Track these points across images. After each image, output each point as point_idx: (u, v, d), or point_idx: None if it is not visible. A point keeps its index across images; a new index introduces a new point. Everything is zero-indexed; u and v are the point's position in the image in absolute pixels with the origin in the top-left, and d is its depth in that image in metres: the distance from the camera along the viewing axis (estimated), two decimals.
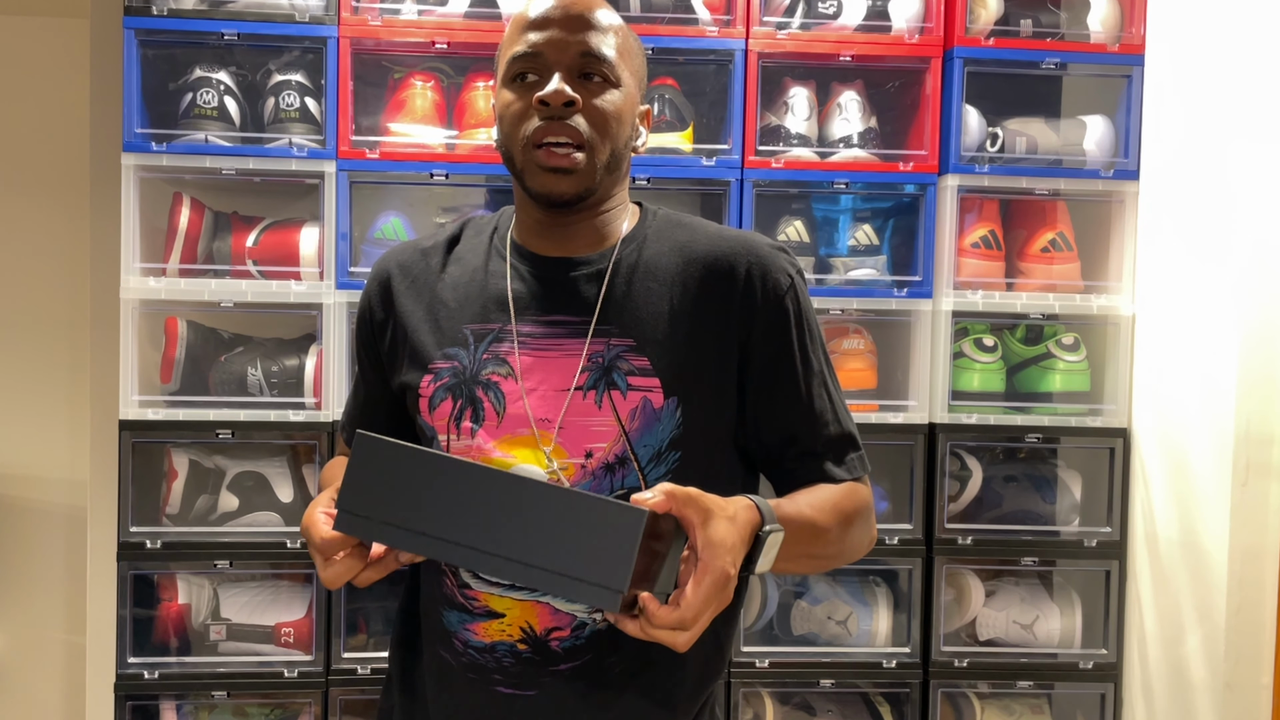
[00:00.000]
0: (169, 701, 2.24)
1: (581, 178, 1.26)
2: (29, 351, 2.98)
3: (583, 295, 1.30)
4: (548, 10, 1.28)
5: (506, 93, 1.29)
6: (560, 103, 1.24)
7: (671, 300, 1.29)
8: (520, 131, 1.27)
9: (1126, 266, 2.33)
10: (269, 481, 2.27)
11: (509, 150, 1.30)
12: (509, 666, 1.27)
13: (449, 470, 1.11)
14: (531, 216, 1.34)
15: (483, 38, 2.24)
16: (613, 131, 1.28)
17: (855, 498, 1.31)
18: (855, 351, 2.34)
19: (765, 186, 2.29)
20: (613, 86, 1.28)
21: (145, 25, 2.19)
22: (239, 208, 2.37)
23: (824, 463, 1.31)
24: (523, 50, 1.27)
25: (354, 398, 1.49)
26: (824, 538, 1.25)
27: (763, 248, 1.33)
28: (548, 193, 1.27)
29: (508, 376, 1.28)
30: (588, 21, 1.28)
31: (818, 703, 2.36)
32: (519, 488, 1.09)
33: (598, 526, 1.04)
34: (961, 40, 2.27)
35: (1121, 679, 2.34)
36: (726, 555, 1.07)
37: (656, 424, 1.25)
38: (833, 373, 1.36)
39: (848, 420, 1.35)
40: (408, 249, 1.42)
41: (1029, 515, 2.37)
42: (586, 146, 1.26)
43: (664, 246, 1.33)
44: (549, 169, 1.25)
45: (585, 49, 1.27)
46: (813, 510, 1.24)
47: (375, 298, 1.40)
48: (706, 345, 1.28)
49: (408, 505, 1.11)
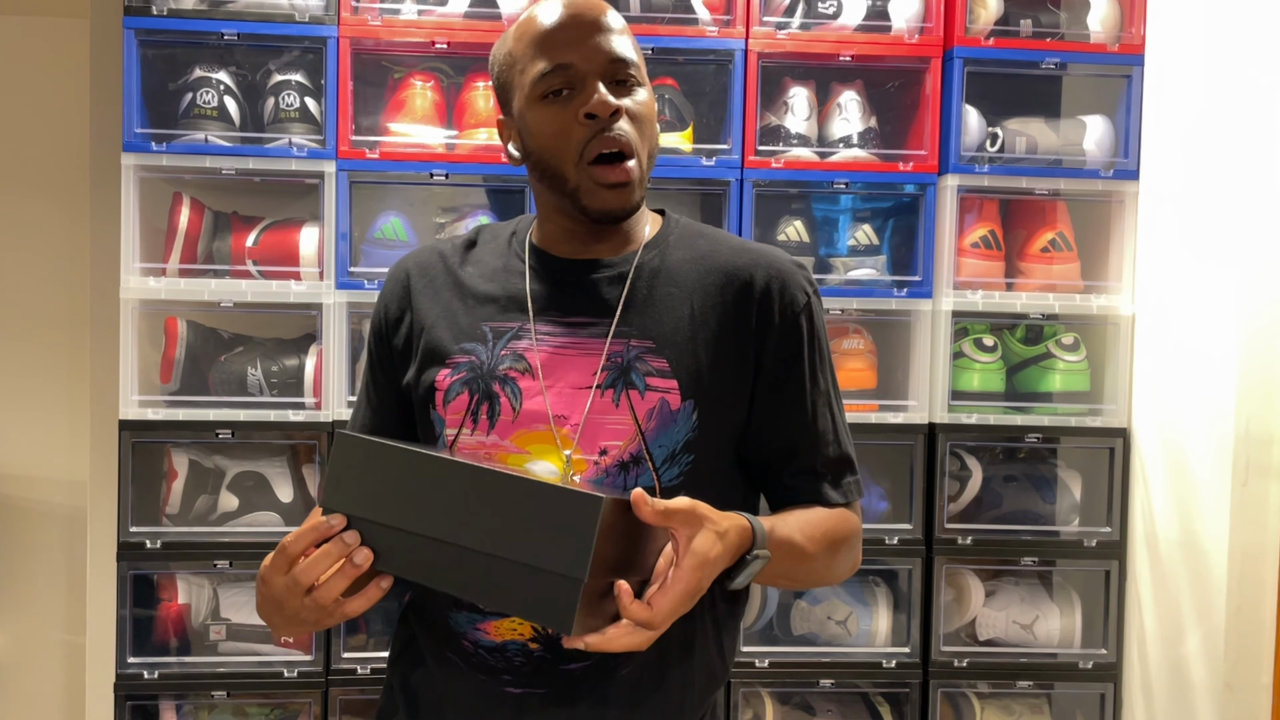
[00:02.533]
0: (169, 701, 2.24)
1: (635, 189, 1.27)
2: (29, 351, 2.98)
3: (604, 296, 1.31)
4: (563, 20, 1.26)
5: (539, 111, 1.27)
6: (608, 113, 1.23)
7: (692, 306, 1.30)
8: (568, 149, 1.25)
9: (1126, 266, 2.33)
10: (269, 481, 2.27)
11: (557, 169, 1.27)
12: (520, 665, 1.27)
13: (420, 464, 1.13)
14: (562, 225, 1.33)
15: (483, 38, 2.24)
16: (649, 132, 1.28)
17: (846, 525, 1.32)
18: (855, 351, 2.34)
19: (765, 186, 2.29)
20: (640, 86, 1.28)
21: (145, 25, 2.19)
22: (239, 208, 2.37)
23: (821, 484, 1.33)
24: (549, 66, 1.25)
25: (364, 406, 1.44)
26: (808, 564, 1.27)
27: (783, 263, 1.33)
28: (608, 209, 1.27)
29: (525, 373, 1.28)
30: (605, 26, 1.27)
31: (818, 703, 2.36)
32: (481, 478, 1.09)
33: (558, 515, 1.05)
34: (961, 40, 2.28)
35: (1121, 679, 2.34)
36: (704, 569, 1.09)
37: (673, 425, 1.26)
38: (838, 394, 1.37)
39: (848, 443, 1.36)
40: (424, 251, 1.42)
41: (1029, 515, 2.37)
42: (634, 152, 1.26)
43: (686, 254, 1.34)
44: (610, 186, 1.25)
45: (613, 54, 1.26)
46: (804, 537, 1.25)
47: (392, 297, 1.39)
48: (723, 353, 1.29)
49: (383, 501, 1.12)
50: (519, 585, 1.07)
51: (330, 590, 1.13)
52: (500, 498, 1.08)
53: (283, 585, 1.14)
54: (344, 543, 1.13)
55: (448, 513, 1.10)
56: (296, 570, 1.14)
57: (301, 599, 1.14)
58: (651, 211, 1.40)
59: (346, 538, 1.13)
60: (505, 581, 1.08)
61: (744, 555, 1.15)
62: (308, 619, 1.16)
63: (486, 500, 1.08)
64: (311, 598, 1.14)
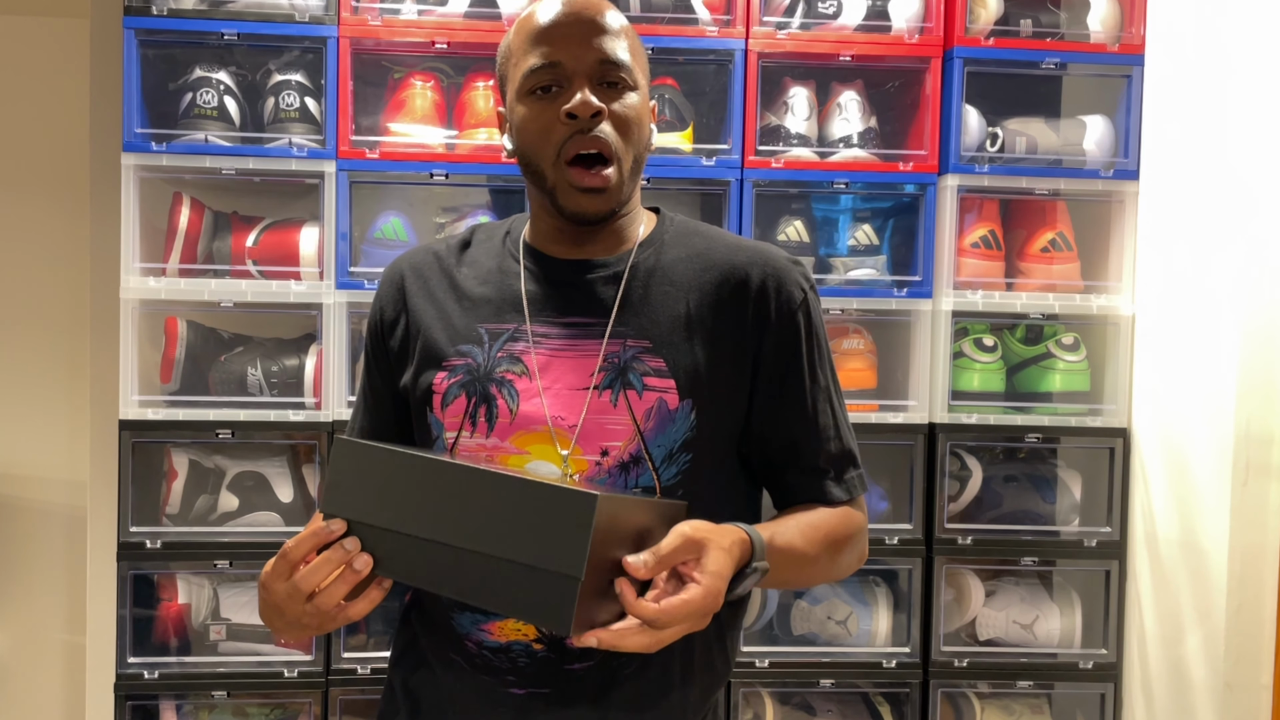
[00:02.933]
0: (169, 701, 2.24)
1: (612, 195, 1.27)
2: (29, 351, 2.98)
3: (599, 297, 1.31)
4: (558, 18, 1.27)
5: (526, 106, 1.27)
6: (589, 114, 1.23)
7: (688, 305, 1.30)
8: (548, 146, 1.26)
9: (1126, 266, 2.33)
10: (269, 481, 2.27)
11: (537, 166, 1.28)
12: (524, 666, 1.27)
13: (418, 467, 1.12)
14: (550, 224, 1.34)
15: (483, 38, 2.24)
16: (634, 135, 1.28)
17: (849, 523, 1.32)
18: (855, 351, 2.34)
19: (765, 186, 2.29)
20: (631, 90, 1.28)
21: (145, 25, 2.19)
22: (239, 208, 2.37)
23: (823, 481, 1.33)
24: (539, 63, 1.26)
25: (361, 409, 1.44)
26: (810, 567, 1.28)
27: (779, 260, 1.33)
28: (581, 212, 1.27)
29: (522, 375, 1.28)
30: (601, 26, 1.27)
31: (818, 703, 2.36)
32: (477, 480, 1.09)
33: (553, 514, 1.05)
34: (961, 40, 2.28)
35: (1121, 679, 2.34)
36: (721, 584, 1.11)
37: (671, 425, 1.26)
38: (838, 390, 1.36)
39: (849, 438, 1.36)
40: (419, 252, 1.41)
41: (1029, 515, 2.37)
42: (614, 157, 1.25)
43: (681, 252, 1.34)
44: (583, 189, 1.25)
45: (603, 55, 1.26)
46: (804, 540, 1.25)
47: (388, 299, 1.39)
48: (721, 351, 1.29)
49: (383, 505, 1.12)
50: (517, 587, 1.07)
51: (331, 596, 1.13)
52: (496, 498, 1.08)
53: (284, 591, 1.14)
54: (344, 549, 1.13)
55: (446, 515, 1.09)
56: (297, 577, 1.14)
57: (303, 605, 1.14)
58: (646, 210, 1.40)
59: (346, 544, 1.13)
60: (503, 583, 1.07)
61: (743, 568, 1.16)
62: (310, 624, 1.16)
63: (483, 501, 1.08)
64: (313, 603, 1.14)
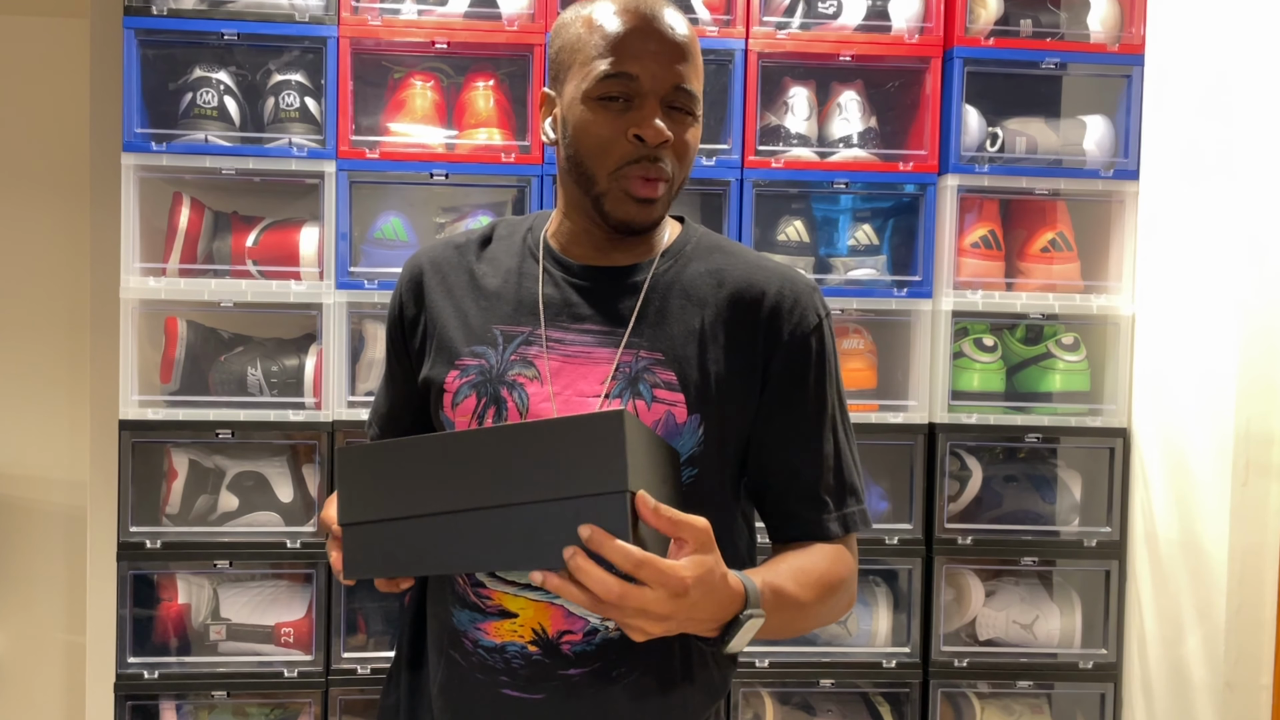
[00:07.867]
0: (169, 701, 2.24)
1: (659, 207, 1.27)
2: (29, 351, 2.98)
3: (617, 307, 1.30)
4: (646, 29, 1.23)
5: (590, 111, 1.23)
6: (658, 142, 1.22)
7: (703, 321, 1.29)
8: (607, 159, 1.24)
9: (1126, 266, 2.33)
10: (269, 481, 2.27)
11: (590, 171, 1.25)
12: (518, 668, 1.27)
13: (429, 447, 1.11)
14: (581, 224, 1.32)
15: (482, 38, 2.24)
16: (687, 165, 1.28)
17: (843, 564, 1.28)
18: (855, 351, 2.34)
19: (765, 186, 2.29)
20: (695, 120, 1.27)
21: (145, 25, 2.19)
22: (239, 208, 2.37)
23: (821, 513, 1.29)
24: (614, 71, 1.22)
25: (383, 397, 1.47)
26: (802, 614, 1.23)
27: (798, 282, 1.32)
28: (630, 221, 1.26)
29: (534, 379, 1.28)
30: (685, 52, 1.24)
31: (818, 703, 2.36)
32: (495, 436, 1.08)
33: (582, 440, 1.04)
34: (961, 40, 2.28)
35: (1121, 679, 2.34)
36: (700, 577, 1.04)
37: (678, 439, 1.25)
38: (847, 423, 1.34)
39: (852, 472, 1.32)
40: (439, 246, 1.41)
41: (1029, 515, 2.37)
42: (670, 180, 1.25)
43: (701, 267, 1.32)
44: (638, 199, 1.24)
45: (680, 81, 1.24)
46: (797, 585, 1.21)
47: (407, 294, 1.39)
48: (732, 369, 1.28)
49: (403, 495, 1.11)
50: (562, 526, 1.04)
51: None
52: (518, 448, 1.06)
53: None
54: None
55: (473, 481, 1.07)
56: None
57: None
58: (670, 218, 1.38)
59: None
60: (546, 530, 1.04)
61: (737, 615, 1.11)
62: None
63: (505, 455, 1.06)
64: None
